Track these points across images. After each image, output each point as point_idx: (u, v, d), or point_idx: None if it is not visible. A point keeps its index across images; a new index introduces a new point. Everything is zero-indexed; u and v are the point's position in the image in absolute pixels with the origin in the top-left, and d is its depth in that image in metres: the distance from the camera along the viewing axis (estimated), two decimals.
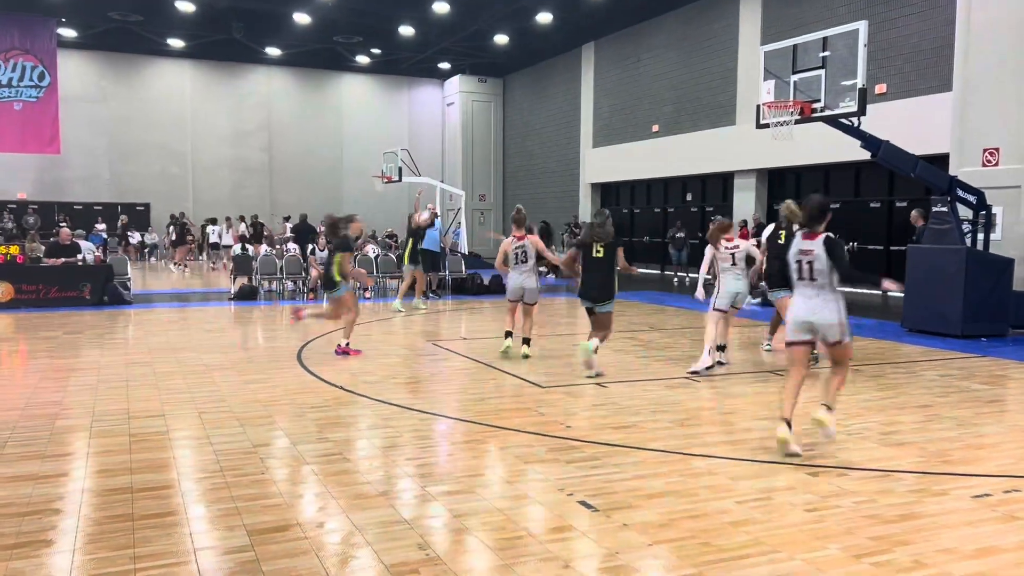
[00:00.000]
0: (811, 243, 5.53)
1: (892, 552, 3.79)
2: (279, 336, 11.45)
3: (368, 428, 6.17)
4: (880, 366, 8.95)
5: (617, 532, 4.04)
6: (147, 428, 6.01)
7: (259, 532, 3.99)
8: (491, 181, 34.30)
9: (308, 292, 16.59)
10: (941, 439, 5.87)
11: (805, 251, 5.55)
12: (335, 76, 34.01)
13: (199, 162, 32.22)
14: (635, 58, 25.22)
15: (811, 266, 5.52)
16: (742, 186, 21.02)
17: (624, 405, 6.90)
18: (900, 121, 15.09)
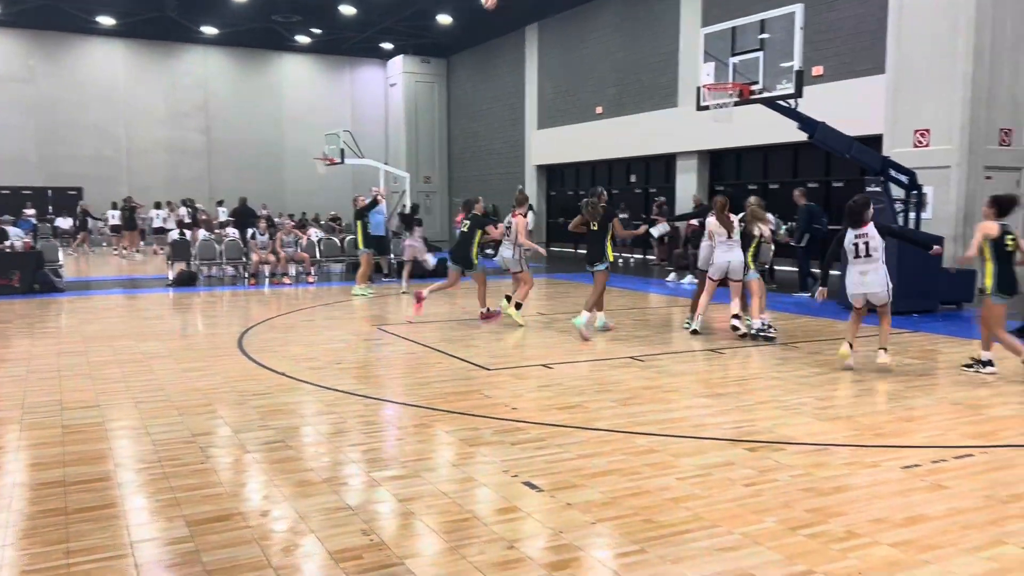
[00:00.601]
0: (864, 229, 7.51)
1: (826, 523, 3.91)
2: (219, 323, 11.23)
3: (312, 415, 6.11)
4: (817, 343, 9.19)
5: (561, 512, 4.08)
6: (81, 419, 5.85)
7: (199, 523, 3.92)
8: (436, 163, 34.05)
9: (249, 277, 16.28)
10: (874, 413, 6.06)
11: (860, 234, 7.50)
12: (274, 56, 33.28)
13: (134, 144, 31.28)
14: (578, 39, 25.24)
15: (867, 246, 7.45)
16: (684, 168, 21.27)
17: (569, 386, 6.96)
18: (836, 103, 15.41)
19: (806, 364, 7.93)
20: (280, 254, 16.31)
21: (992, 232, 7.14)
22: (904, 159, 12.68)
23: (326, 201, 32.32)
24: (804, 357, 8.32)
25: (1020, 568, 3.43)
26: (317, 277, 16.71)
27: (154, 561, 3.51)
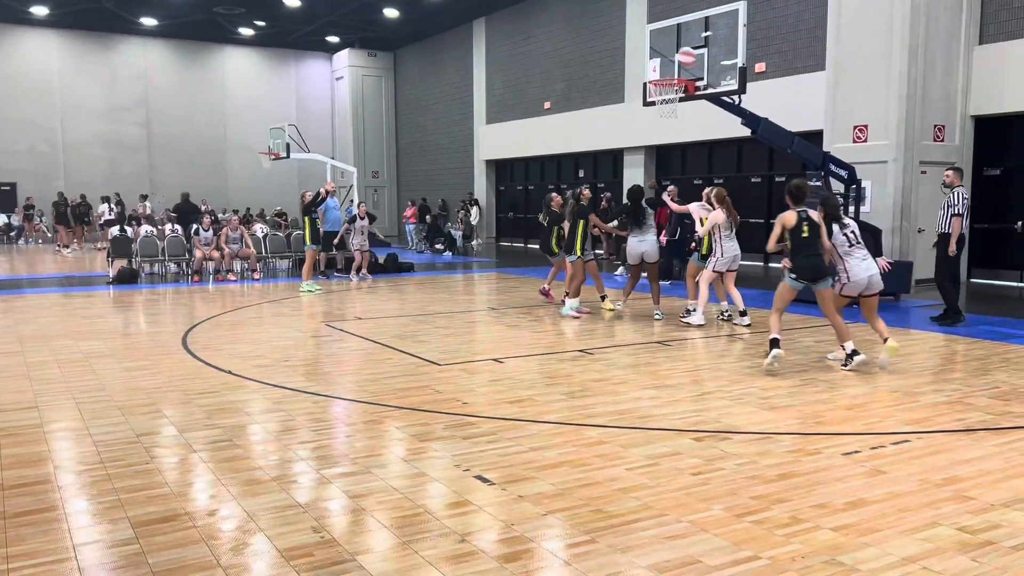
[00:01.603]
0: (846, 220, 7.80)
1: (771, 510, 4.01)
2: (163, 321, 11.00)
3: (259, 412, 6.03)
4: (762, 334, 9.37)
5: (513, 504, 4.11)
6: (18, 421, 5.68)
7: (144, 523, 3.85)
8: (384, 158, 33.81)
9: (193, 274, 15.96)
10: (815, 401, 6.22)
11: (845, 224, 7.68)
12: (217, 49, 32.63)
13: (70, 139, 30.38)
14: (526, 34, 25.29)
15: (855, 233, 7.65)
16: (631, 162, 21.50)
17: (519, 380, 6.99)
18: (778, 99, 15.74)
19: (750, 355, 8.10)
20: (225, 250, 16.02)
21: (790, 221, 7.28)
22: (843, 154, 13.02)
23: (271, 196, 31.84)
24: (748, 348, 8.49)
25: (954, 548, 3.57)
26: (263, 274, 16.46)
27: (98, 564, 3.44)
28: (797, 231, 7.27)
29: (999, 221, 14.24)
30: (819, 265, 7.29)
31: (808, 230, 7.25)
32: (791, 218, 7.29)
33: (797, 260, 7.28)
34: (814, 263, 7.27)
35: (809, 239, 7.26)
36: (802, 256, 7.25)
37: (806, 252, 7.23)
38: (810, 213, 7.33)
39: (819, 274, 7.29)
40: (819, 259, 7.29)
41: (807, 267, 7.26)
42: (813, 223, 7.29)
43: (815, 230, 7.29)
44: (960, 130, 14.16)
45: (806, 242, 7.25)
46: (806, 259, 7.25)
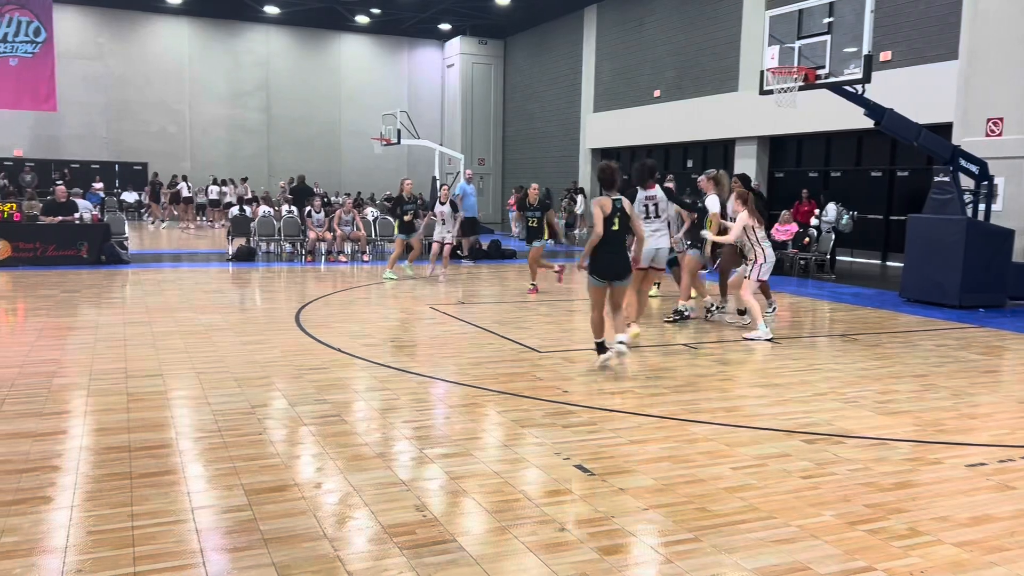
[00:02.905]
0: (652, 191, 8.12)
1: (887, 520, 3.81)
2: (278, 298, 11.43)
3: (366, 390, 6.18)
4: (877, 335, 8.97)
5: (613, 496, 4.06)
6: (145, 387, 6.01)
7: (257, 492, 4.00)
8: (490, 145, 34.04)
9: (306, 254, 16.53)
10: (936, 408, 5.89)
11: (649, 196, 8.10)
12: (334, 36, 33.58)
13: (196, 121, 31.94)
14: (638, 22, 24.89)
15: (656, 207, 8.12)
16: (743, 153, 20.88)
17: (620, 370, 6.91)
18: (904, 89, 14.94)
19: (865, 357, 7.74)
20: (337, 232, 16.51)
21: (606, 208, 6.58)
22: (975, 148, 12.24)
23: (381, 180, 32.61)
24: (864, 349, 8.12)
25: None
26: (372, 256, 16.88)
27: (214, 527, 3.60)
28: (608, 221, 6.54)
29: None
30: (623, 263, 6.64)
31: (619, 222, 6.56)
32: (607, 205, 6.55)
33: (598, 256, 6.56)
34: (615, 261, 6.60)
35: (618, 233, 6.57)
36: (605, 252, 6.55)
37: (609, 248, 6.55)
38: (624, 203, 6.63)
39: (621, 273, 6.64)
40: (622, 257, 6.65)
41: (608, 265, 6.58)
42: (625, 215, 6.60)
43: (625, 223, 6.62)
44: None
45: (613, 236, 6.56)
46: (608, 256, 6.57)
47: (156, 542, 3.42)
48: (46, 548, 3.36)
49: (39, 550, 3.34)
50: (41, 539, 3.44)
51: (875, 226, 17.77)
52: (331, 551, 3.39)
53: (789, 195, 19.50)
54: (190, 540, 3.46)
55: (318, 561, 3.29)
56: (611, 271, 6.61)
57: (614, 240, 6.58)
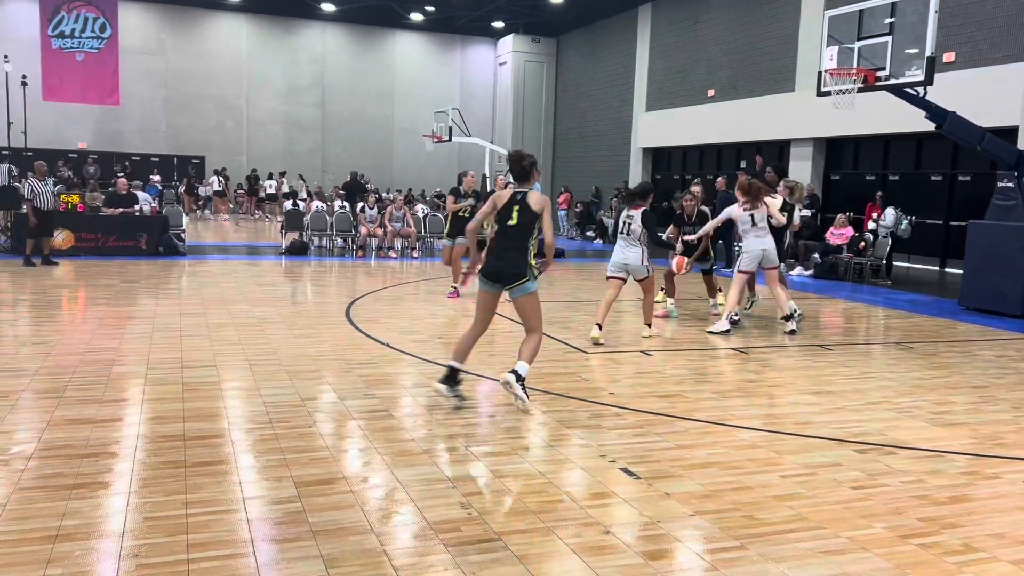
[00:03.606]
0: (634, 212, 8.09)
1: (941, 534, 3.72)
2: (329, 292, 11.60)
3: (413, 386, 6.24)
4: (934, 344, 8.74)
5: (659, 501, 4.04)
6: (199, 377, 6.16)
7: (306, 484, 4.07)
8: (541, 143, 34.03)
9: (357, 249, 16.74)
10: (995, 421, 5.72)
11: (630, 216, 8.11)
12: (388, 33, 33.91)
13: (253, 117, 32.55)
14: (693, 20, 24.63)
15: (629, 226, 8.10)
16: (798, 155, 20.52)
17: (668, 374, 6.86)
18: (968, 91, 14.52)
19: (921, 366, 7.56)
20: (388, 228, 16.69)
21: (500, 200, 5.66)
22: None
23: (432, 178, 32.85)
24: (919, 358, 7.92)
25: None
26: (421, 252, 17.02)
27: (264, 518, 3.67)
28: (504, 215, 5.49)
29: None
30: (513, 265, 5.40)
31: (518, 217, 5.42)
32: (503, 197, 5.56)
33: (491, 254, 5.53)
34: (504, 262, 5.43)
35: (515, 229, 5.43)
36: (499, 249, 5.48)
37: (504, 245, 5.46)
38: (529, 197, 5.47)
39: (508, 277, 5.42)
40: (517, 255, 5.41)
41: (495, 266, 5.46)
42: (528, 211, 5.43)
43: (528, 219, 5.42)
44: None
45: (508, 232, 5.46)
46: (501, 255, 5.46)
47: (208, 530, 3.51)
48: (104, 532, 3.47)
49: (97, 534, 3.45)
50: (99, 523, 3.56)
51: (934, 231, 17.31)
52: (377, 545, 3.43)
53: (845, 198, 19.11)
54: (241, 529, 3.54)
55: (364, 555, 3.34)
56: (494, 275, 5.50)
57: (509, 237, 5.47)
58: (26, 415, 5.10)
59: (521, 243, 5.42)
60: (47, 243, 13.24)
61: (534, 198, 5.46)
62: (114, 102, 27.83)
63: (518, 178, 5.59)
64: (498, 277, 5.44)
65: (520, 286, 5.41)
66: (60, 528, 3.48)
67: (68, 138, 29.91)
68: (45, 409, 5.22)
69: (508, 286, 5.42)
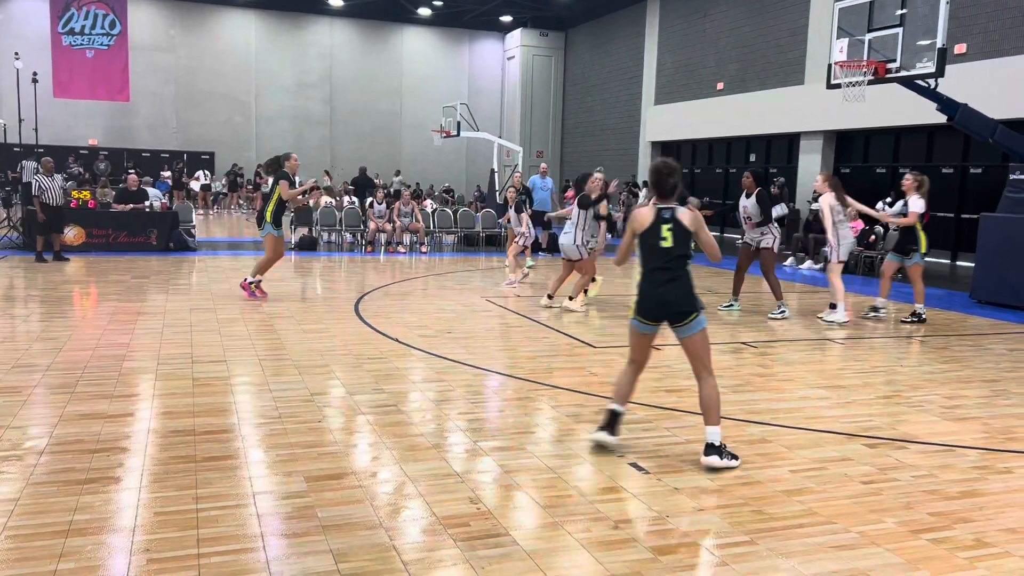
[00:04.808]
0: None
1: (952, 529, 3.70)
2: (338, 287, 11.62)
3: (422, 381, 6.25)
4: (946, 338, 8.70)
5: (668, 495, 4.03)
6: (209, 373, 6.18)
7: (315, 479, 4.09)
8: (549, 137, 33.98)
9: (366, 245, 16.76)
10: (1007, 415, 5.69)
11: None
12: (396, 28, 33.90)
13: (262, 112, 32.61)
14: (701, 13, 24.52)
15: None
16: (808, 148, 20.42)
17: (677, 368, 6.84)
18: (980, 83, 14.41)
19: (932, 360, 7.52)
20: (396, 223, 16.70)
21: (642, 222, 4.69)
22: None
23: (440, 172, 32.84)
24: (931, 352, 7.88)
25: None
26: (430, 247, 17.02)
27: (274, 512, 3.69)
28: (651, 237, 4.58)
29: None
30: (677, 297, 4.51)
31: (672, 238, 4.53)
32: (645, 217, 4.62)
33: (643, 288, 4.62)
34: (667, 293, 4.52)
35: (669, 254, 4.53)
36: (652, 282, 4.56)
37: (660, 277, 4.54)
38: (678, 213, 4.57)
39: (677, 311, 4.51)
40: (680, 285, 4.52)
41: (656, 299, 4.55)
42: (681, 228, 4.54)
43: (683, 238, 4.55)
44: None
45: (661, 257, 4.55)
46: (657, 288, 4.54)
47: (218, 525, 3.52)
48: (115, 527, 3.49)
49: (109, 528, 3.47)
50: (110, 518, 3.58)
51: (945, 224, 17.20)
52: (387, 540, 3.44)
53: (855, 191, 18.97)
54: (251, 524, 3.55)
55: (374, 550, 3.35)
56: (656, 311, 4.59)
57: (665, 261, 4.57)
58: (38, 410, 5.14)
59: (681, 270, 4.55)
60: (58, 239, 13.31)
61: (686, 215, 4.59)
62: (124, 99, 27.87)
63: (664, 195, 4.65)
64: (661, 314, 4.57)
65: (692, 323, 4.51)
66: (72, 523, 3.50)
67: (79, 135, 30.03)
68: (57, 404, 5.25)
69: (676, 324, 4.56)
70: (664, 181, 4.62)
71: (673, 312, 4.52)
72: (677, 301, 4.51)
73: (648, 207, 4.65)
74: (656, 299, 4.55)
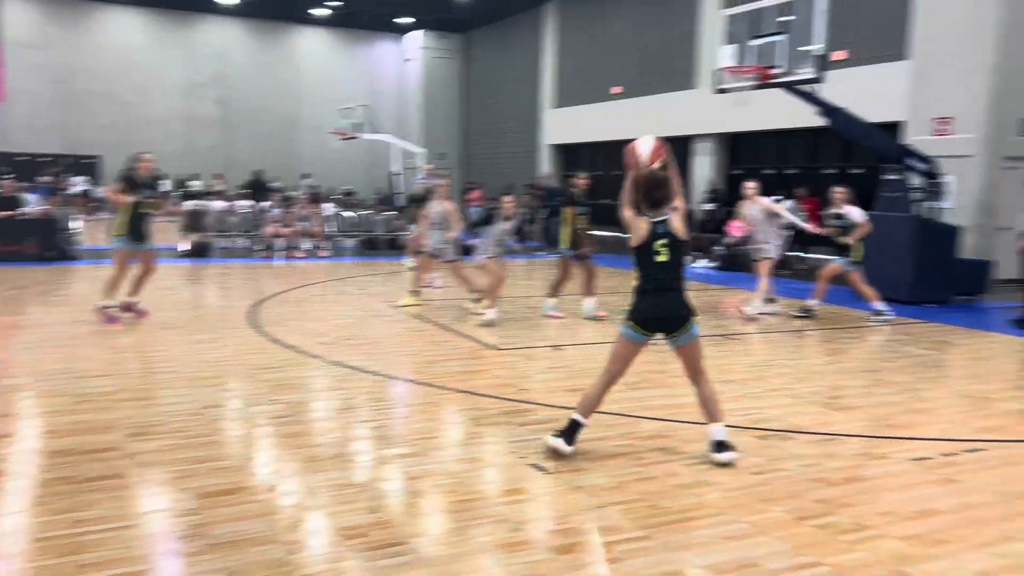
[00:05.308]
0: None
1: (835, 514, 3.89)
2: (232, 295, 11.27)
3: (321, 390, 6.13)
4: (831, 331, 9.13)
5: (568, 495, 4.08)
6: (93, 388, 5.88)
7: (208, 495, 3.94)
8: (451, 140, 33.93)
9: (263, 250, 16.32)
10: (885, 403, 6.02)
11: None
12: (291, 28, 33.14)
13: (150, 114, 31.26)
14: (599, 18, 24.99)
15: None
16: (701, 150, 21.10)
17: (578, 368, 6.94)
18: (857, 88, 15.19)
19: (818, 353, 7.89)
20: (294, 227, 16.33)
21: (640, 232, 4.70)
22: (925, 147, 12.51)
23: (341, 175, 32.28)
24: (816, 345, 8.27)
25: None
26: (330, 252, 16.72)
27: (164, 532, 3.54)
28: (647, 251, 4.60)
29: None
30: (674, 307, 4.59)
31: (668, 252, 4.57)
32: (641, 230, 4.59)
33: (641, 298, 4.62)
34: (665, 304, 4.58)
35: (667, 266, 4.58)
36: (650, 293, 4.60)
37: (657, 288, 4.59)
38: (671, 222, 4.58)
39: (671, 322, 4.60)
40: (677, 296, 4.61)
41: (654, 311, 4.58)
42: (675, 240, 4.58)
43: (678, 249, 4.59)
44: None
45: (657, 270, 4.59)
46: (655, 300, 4.59)
47: (103, 548, 3.35)
48: None
49: None
50: None
51: None
52: (284, 555, 3.35)
53: None
54: (138, 546, 3.40)
55: (271, 565, 3.26)
56: (656, 323, 4.62)
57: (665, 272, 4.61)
58: None
59: (677, 279, 4.62)
60: None
61: (678, 225, 4.58)
62: None
63: (656, 205, 4.59)
64: (660, 324, 4.59)
65: (688, 331, 4.62)
66: None
67: None
68: None
69: (671, 333, 4.64)
70: (652, 193, 4.60)
71: (671, 323, 4.61)
72: (674, 311, 4.61)
73: (644, 219, 4.61)
74: (654, 311, 4.60)
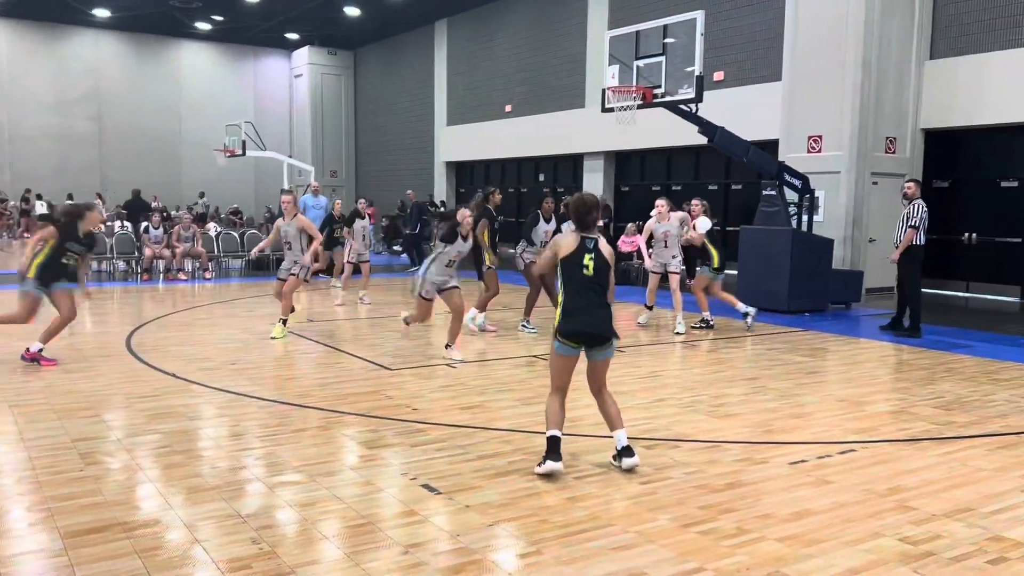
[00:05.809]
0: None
1: (718, 520, 4.00)
2: (108, 321, 10.71)
3: (203, 418, 5.88)
4: (714, 341, 9.46)
5: (459, 514, 4.05)
6: None
7: (75, 534, 3.70)
8: (343, 157, 33.46)
9: (141, 273, 15.59)
10: (764, 410, 6.26)
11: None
12: (172, 43, 31.99)
13: (17, 132, 29.49)
14: (488, 37, 25.25)
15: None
16: (591, 168, 21.57)
17: (472, 385, 6.93)
18: (735, 108, 15.89)
19: (702, 363, 8.15)
20: (176, 249, 15.68)
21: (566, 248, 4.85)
22: (798, 164, 13.18)
23: (226, 194, 31.29)
24: (701, 355, 8.54)
25: (896, 559, 3.59)
26: (215, 273, 16.14)
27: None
28: (574, 264, 4.73)
29: (947, 232, 14.55)
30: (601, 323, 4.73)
31: (593, 267, 4.72)
32: (569, 244, 4.76)
33: (568, 312, 4.74)
34: (593, 319, 4.71)
35: (593, 282, 4.73)
36: (577, 307, 4.71)
37: (583, 303, 4.71)
38: (600, 244, 4.79)
39: (598, 338, 4.74)
40: (604, 313, 4.76)
41: (582, 324, 4.70)
42: (601, 258, 4.76)
43: (603, 268, 4.76)
44: (911, 143, 14.44)
45: (585, 284, 4.73)
46: (583, 313, 4.70)
47: None
48: None
49: None
50: None
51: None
52: None
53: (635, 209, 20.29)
54: None
55: None
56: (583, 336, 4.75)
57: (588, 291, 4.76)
58: None
59: (603, 297, 4.78)
60: None
61: (606, 248, 4.81)
62: None
63: (585, 228, 4.81)
64: (588, 339, 4.73)
65: (609, 347, 4.79)
66: None
67: None
68: None
69: (594, 347, 4.76)
70: (583, 217, 4.82)
71: (597, 337, 4.74)
72: (602, 327, 4.75)
73: (572, 234, 4.83)
74: (582, 324, 4.72)
